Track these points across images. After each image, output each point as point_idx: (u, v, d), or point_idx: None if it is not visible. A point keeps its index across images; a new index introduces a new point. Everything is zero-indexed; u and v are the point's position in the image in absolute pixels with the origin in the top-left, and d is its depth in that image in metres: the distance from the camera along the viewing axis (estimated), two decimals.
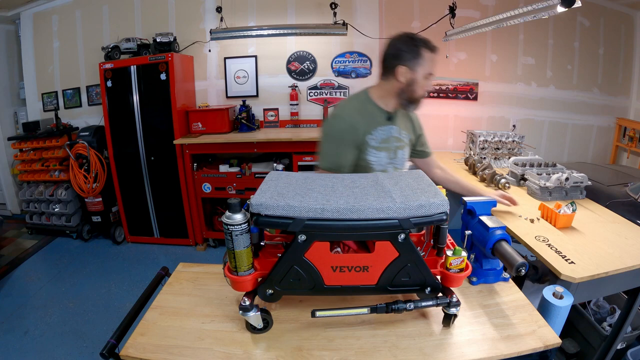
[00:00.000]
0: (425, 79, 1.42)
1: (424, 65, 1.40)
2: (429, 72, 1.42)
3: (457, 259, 0.91)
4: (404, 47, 1.39)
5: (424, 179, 1.03)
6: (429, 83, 1.44)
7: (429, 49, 1.39)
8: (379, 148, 1.46)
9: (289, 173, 1.08)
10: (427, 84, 1.43)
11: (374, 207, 0.85)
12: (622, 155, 3.84)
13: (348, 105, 1.52)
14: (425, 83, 1.43)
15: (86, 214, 3.50)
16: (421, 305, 0.91)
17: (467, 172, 2.47)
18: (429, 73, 1.42)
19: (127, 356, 0.86)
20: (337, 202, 0.86)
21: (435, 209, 0.86)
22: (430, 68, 1.41)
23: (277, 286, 0.91)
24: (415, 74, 1.40)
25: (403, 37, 1.41)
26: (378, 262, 0.89)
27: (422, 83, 1.42)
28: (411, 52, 1.39)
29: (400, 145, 1.53)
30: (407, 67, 1.39)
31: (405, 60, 1.39)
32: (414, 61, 1.39)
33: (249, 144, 3.08)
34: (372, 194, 0.92)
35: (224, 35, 3.09)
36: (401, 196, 0.89)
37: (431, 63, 1.41)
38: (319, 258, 0.88)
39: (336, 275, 0.90)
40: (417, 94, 1.44)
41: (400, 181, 1.00)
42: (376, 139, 1.45)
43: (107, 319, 2.36)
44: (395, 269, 0.90)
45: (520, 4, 2.02)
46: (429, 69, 1.41)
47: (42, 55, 3.72)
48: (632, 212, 1.89)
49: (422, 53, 1.39)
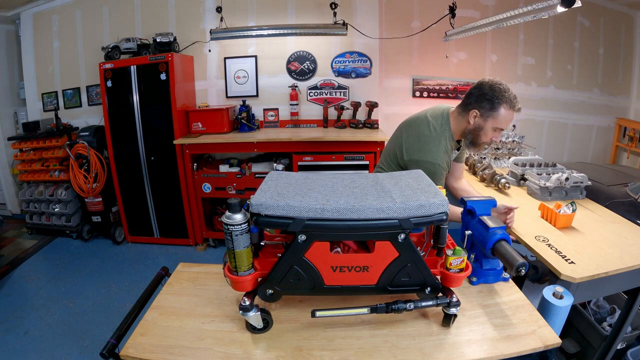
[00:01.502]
0: (494, 131, 1.46)
1: (497, 119, 1.43)
2: (500, 127, 1.46)
3: (457, 259, 0.91)
4: (489, 94, 1.42)
5: (424, 179, 1.03)
6: (497, 135, 1.48)
7: (510, 107, 1.42)
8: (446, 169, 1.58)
9: (289, 173, 1.08)
10: (494, 135, 1.47)
11: (374, 207, 0.85)
12: (622, 155, 3.84)
13: (439, 149, 1.52)
14: (492, 134, 1.47)
15: (86, 214, 3.49)
16: (421, 305, 0.91)
17: (467, 172, 2.47)
18: (499, 128, 1.46)
19: (127, 356, 0.86)
20: (337, 202, 0.86)
21: (435, 209, 0.86)
22: (502, 124, 1.45)
23: (277, 286, 0.91)
24: (485, 123, 1.44)
25: (494, 85, 1.43)
26: (378, 262, 0.89)
27: (488, 133, 1.47)
28: (491, 103, 1.42)
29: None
30: (480, 114, 1.44)
31: (482, 107, 1.43)
32: (490, 112, 1.43)
33: (249, 144, 3.08)
34: (372, 194, 0.92)
35: (224, 35, 3.09)
36: (401, 196, 0.89)
37: (505, 120, 1.44)
38: (319, 258, 0.88)
39: (336, 276, 0.90)
40: (481, 140, 1.49)
41: (400, 181, 1.00)
42: (447, 163, 1.57)
43: (107, 319, 2.36)
44: (395, 269, 0.90)
45: (520, 4, 2.03)
46: (501, 124, 1.44)
47: (42, 55, 3.72)
48: (632, 212, 1.89)
49: (501, 108, 1.41)
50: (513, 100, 1.41)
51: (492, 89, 1.41)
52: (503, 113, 1.42)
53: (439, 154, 1.49)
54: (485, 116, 1.44)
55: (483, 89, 1.43)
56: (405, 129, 1.61)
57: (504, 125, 1.45)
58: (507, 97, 1.41)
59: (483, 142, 1.50)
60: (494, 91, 1.41)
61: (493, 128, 1.45)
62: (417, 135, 1.53)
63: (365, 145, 3.02)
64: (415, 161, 1.49)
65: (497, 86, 1.41)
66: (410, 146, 1.53)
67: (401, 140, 1.58)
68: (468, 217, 1.19)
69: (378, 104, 3.36)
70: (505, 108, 1.41)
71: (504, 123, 1.44)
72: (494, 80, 1.43)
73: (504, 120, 1.44)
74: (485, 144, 1.52)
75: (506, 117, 1.43)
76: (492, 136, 1.47)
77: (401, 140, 1.58)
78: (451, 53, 3.49)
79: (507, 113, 1.42)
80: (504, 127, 1.47)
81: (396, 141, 1.62)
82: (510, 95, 1.41)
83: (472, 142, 1.51)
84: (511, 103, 1.41)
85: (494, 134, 1.47)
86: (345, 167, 3.05)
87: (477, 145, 1.51)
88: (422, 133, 1.52)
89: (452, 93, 3.59)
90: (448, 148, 1.53)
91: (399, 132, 1.66)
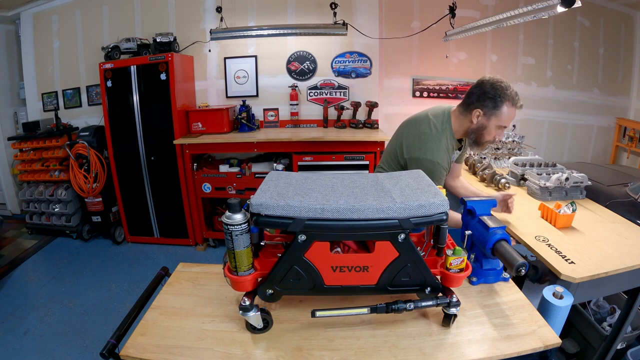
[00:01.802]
0: (497, 128, 1.46)
1: (500, 117, 1.43)
2: (503, 125, 1.45)
3: (457, 259, 0.91)
4: (491, 93, 1.42)
5: (424, 179, 1.03)
6: (500, 133, 1.48)
7: (512, 104, 1.42)
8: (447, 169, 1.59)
9: (289, 173, 1.08)
10: (498, 133, 1.47)
11: (374, 207, 0.84)
12: (622, 155, 3.84)
13: (440, 148, 1.51)
14: (496, 132, 1.47)
15: (86, 214, 3.49)
16: (421, 305, 0.91)
17: (467, 172, 2.47)
18: (502, 126, 1.45)
19: (127, 356, 0.86)
20: (337, 202, 0.86)
21: (435, 209, 0.86)
22: (505, 122, 1.44)
23: (277, 286, 0.91)
24: (489, 121, 1.44)
25: (495, 83, 1.42)
26: (378, 262, 0.89)
27: (492, 131, 1.47)
28: (493, 101, 1.41)
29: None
30: (482, 113, 1.44)
31: (484, 106, 1.43)
32: (493, 110, 1.42)
33: (249, 144, 3.08)
34: (372, 194, 0.92)
35: (224, 35, 3.09)
36: (401, 196, 0.89)
37: (509, 117, 1.44)
38: (319, 258, 0.88)
39: (336, 275, 0.90)
40: (484, 139, 1.49)
41: (400, 181, 1.00)
42: (448, 163, 1.56)
43: (107, 319, 2.36)
44: (395, 269, 0.90)
45: (520, 4, 2.03)
46: (504, 122, 1.44)
47: (42, 55, 3.72)
48: (632, 212, 1.89)
49: (503, 106, 1.41)
50: (515, 98, 1.41)
51: (494, 87, 1.41)
52: (506, 111, 1.42)
53: (440, 153, 1.49)
54: (489, 115, 1.43)
55: (485, 88, 1.43)
56: (406, 128, 1.61)
57: (507, 122, 1.45)
58: (509, 94, 1.41)
59: (487, 140, 1.49)
60: (495, 89, 1.41)
61: (497, 126, 1.45)
62: (418, 134, 1.53)
63: (365, 145, 3.02)
64: (415, 159, 1.49)
65: (499, 84, 1.41)
66: (411, 144, 1.53)
67: (402, 139, 1.58)
68: (468, 217, 1.19)
69: (378, 104, 3.36)
70: (508, 106, 1.41)
71: (507, 120, 1.44)
72: (495, 78, 1.43)
73: (508, 118, 1.43)
74: (488, 143, 1.52)
75: (509, 115, 1.43)
76: (495, 134, 1.47)
77: (402, 139, 1.58)
78: (451, 53, 3.49)
79: (510, 110, 1.42)
80: (507, 125, 1.47)
81: (397, 140, 1.62)
82: (512, 93, 1.41)
83: (475, 141, 1.51)
84: (513, 100, 1.41)
85: (497, 132, 1.47)
86: (345, 167, 3.05)
87: (481, 145, 1.51)
88: (422, 131, 1.52)
89: (452, 93, 3.59)
90: (449, 147, 1.53)
91: (399, 131, 1.66)
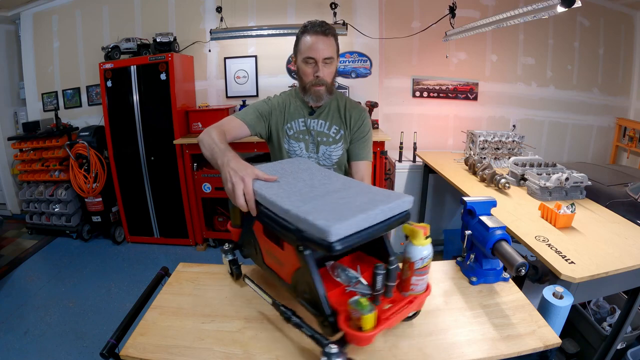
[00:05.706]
0: (304, 63, 1.36)
1: (301, 49, 1.37)
2: (307, 56, 1.35)
3: (356, 312, 0.69)
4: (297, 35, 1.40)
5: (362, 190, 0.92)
6: (311, 68, 1.36)
7: (306, 32, 1.35)
8: (296, 138, 1.48)
9: (283, 163, 1.14)
10: (308, 69, 1.36)
11: (303, 209, 0.77)
12: (622, 155, 3.84)
13: (277, 96, 1.53)
14: (305, 68, 1.37)
15: (86, 214, 3.50)
16: (302, 329, 0.79)
17: (467, 172, 2.47)
18: (307, 57, 1.35)
19: (127, 356, 0.86)
20: (291, 200, 0.82)
21: (317, 231, 0.70)
22: (306, 52, 1.34)
23: (245, 248, 1.05)
24: (297, 60, 1.41)
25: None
26: (287, 263, 0.86)
27: (302, 69, 1.38)
28: (296, 40, 1.40)
29: (325, 140, 1.49)
30: (294, 57, 1.43)
31: (294, 49, 1.42)
32: (296, 48, 1.41)
33: (249, 144, 3.08)
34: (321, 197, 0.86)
35: (224, 35, 3.10)
36: (313, 207, 0.78)
37: (307, 46, 1.34)
38: (260, 236, 0.94)
39: (269, 259, 0.95)
40: (303, 82, 1.41)
41: (346, 192, 0.90)
42: (293, 129, 1.48)
43: (107, 319, 2.36)
44: (298, 279, 0.83)
45: (520, 4, 2.03)
46: (306, 52, 1.34)
47: (42, 55, 3.72)
48: (632, 212, 1.89)
49: (299, 37, 1.37)
50: (307, 25, 1.34)
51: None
52: (304, 39, 1.35)
53: (269, 100, 1.50)
54: (296, 53, 1.40)
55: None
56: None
57: (310, 52, 1.34)
58: (305, 25, 1.36)
59: (305, 83, 1.39)
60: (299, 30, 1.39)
61: (302, 60, 1.36)
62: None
63: None
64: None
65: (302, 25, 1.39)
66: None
67: None
68: (468, 217, 1.19)
69: (378, 104, 3.36)
70: (303, 34, 1.36)
71: (307, 50, 1.34)
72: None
73: (307, 47, 1.34)
74: (312, 85, 1.39)
75: (307, 43, 1.34)
76: (308, 71, 1.37)
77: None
78: (451, 53, 3.48)
79: (306, 38, 1.34)
80: (312, 55, 1.34)
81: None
82: (307, 23, 1.36)
83: (302, 89, 1.43)
84: (305, 27, 1.34)
85: (307, 68, 1.37)
86: None
87: (306, 91, 1.41)
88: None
89: (452, 93, 3.59)
90: (288, 103, 1.49)
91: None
